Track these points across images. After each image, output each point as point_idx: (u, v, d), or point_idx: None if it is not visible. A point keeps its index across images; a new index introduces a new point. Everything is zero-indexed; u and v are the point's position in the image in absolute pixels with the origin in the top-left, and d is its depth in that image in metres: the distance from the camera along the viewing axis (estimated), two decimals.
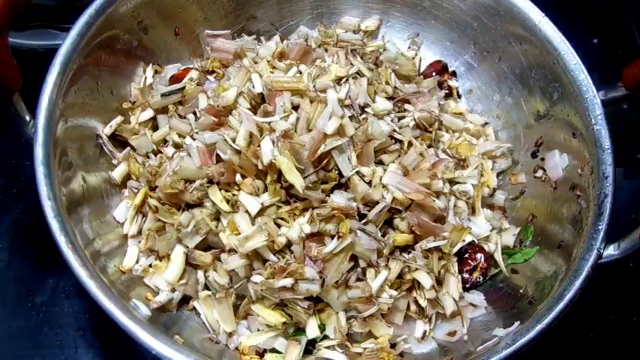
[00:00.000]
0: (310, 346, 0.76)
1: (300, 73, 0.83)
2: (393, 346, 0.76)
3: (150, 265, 0.79)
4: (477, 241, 0.84)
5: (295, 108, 0.78)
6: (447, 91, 0.98)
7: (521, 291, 0.80)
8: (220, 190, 0.77)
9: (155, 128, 0.87)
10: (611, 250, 0.72)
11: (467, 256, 0.84)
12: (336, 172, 0.76)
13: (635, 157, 1.05)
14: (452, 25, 0.96)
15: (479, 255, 0.83)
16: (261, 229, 0.73)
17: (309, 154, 0.73)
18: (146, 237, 0.79)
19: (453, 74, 1.00)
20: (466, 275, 0.83)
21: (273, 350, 0.75)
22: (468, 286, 0.83)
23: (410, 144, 0.82)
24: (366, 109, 0.81)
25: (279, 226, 0.76)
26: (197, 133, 0.80)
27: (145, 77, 0.89)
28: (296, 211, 0.76)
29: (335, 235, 0.73)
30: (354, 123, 0.78)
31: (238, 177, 0.76)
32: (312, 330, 0.74)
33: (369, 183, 0.77)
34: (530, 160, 0.90)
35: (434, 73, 0.97)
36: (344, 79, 0.82)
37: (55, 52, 0.73)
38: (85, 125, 0.79)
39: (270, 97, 0.79)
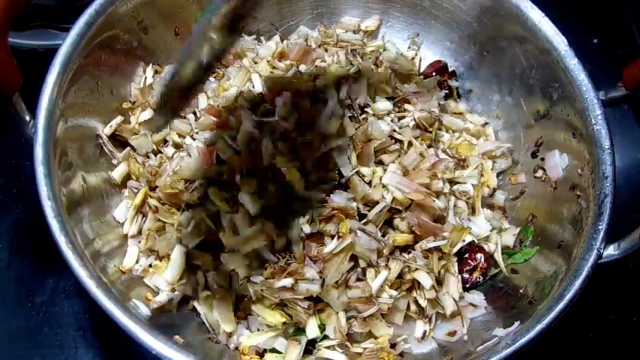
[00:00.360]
0: (310, 346, 0.76)
1: (301, 73, 0.83)
2: (393, 346, 0.76)
3: (150, 265, 0.79)
4: (476, 241, 0.84)
5: (295, 108, 0.78)
6: (447, 91, 0.97)
7: (521, 291, 0.79)
8: (220, 190, 0.77)
9: None
10: (611, 250, 0.72)
11: (467, 256, 0.83)
12: (336, 172, 0.76)
13: (635, 157, 1.05)
14: (452, 25, 0.96)
15: (479, 255, 0.83)
16: (260, 229, 0.73)
17: (310, 153, 0.73)
18: (146, 237, 0.79)
19: (453, 74, 1.00)
20: (466, 275, 0.83)
21: (273, 350, 0.75)
22: (467, 286, 0.83)
23: (410, 144, 0.82)
24: (366, 109, 0.81)
25: (279, 226, 0.76)
26: (197, 133, 0.80)
27: (145, 77, 0.89)
28: (294, 211, 0.75)
29: (335, 235, 0.72)
30: (354, 123, 0.77)
31: (238, 177, 0.76)
32: (312, 330, 0.74)
33: (369, 183, 0.77)
34: (530, 160, 0.90)
35: (434, 73, 0.97)
36: (344, 79, 0.82)
37: (55, 52, 0.72)
38: (85, 125, 0.79)
39: (270, 97, 0.79)
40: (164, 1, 0.87)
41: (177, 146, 0.84)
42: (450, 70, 1.00)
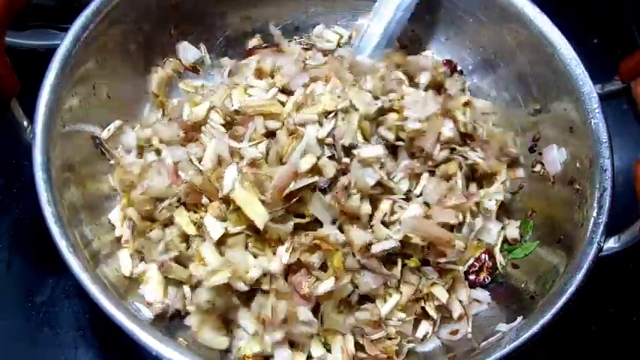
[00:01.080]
0: None
1: (284, 91, 0.78)
2: None
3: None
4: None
5: (272, 133, 0.74)
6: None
7: (522, 286, 0.79)
8: (189, 210, 0.73)
9: None
10: (612, 243, 0.72)
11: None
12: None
13: (635, 157, 1.04)
14: (449, 23, 0.96)
15: (483, 255, 0.83)
16: (227, 263, 0.67)
17: (277, 190, 0.66)
18: (132, 240, 0.77)
19: (461, 73, 0.98)
20: (472, 277, 0.82)
21: None
22: (475, 286, 0.82)
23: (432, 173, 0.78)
24: (353, 151, 0.73)
25: (255, 255, 0.71)
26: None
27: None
28: (270, 241, 0.70)
29: (319, 266, 0.67)
30: (334, 163, 0.71)
31: (205, 199, 0.72)
32: (317, 350, 0.71)
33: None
34: (528, 155, 0.90)
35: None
36: (331, 114, 0.74)
37: (54, 52, 0.72)
38: (84, 128, 0.79)
39: (244, 121, 0.75)
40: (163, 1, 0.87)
41: (158, 152, 0.80)
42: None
